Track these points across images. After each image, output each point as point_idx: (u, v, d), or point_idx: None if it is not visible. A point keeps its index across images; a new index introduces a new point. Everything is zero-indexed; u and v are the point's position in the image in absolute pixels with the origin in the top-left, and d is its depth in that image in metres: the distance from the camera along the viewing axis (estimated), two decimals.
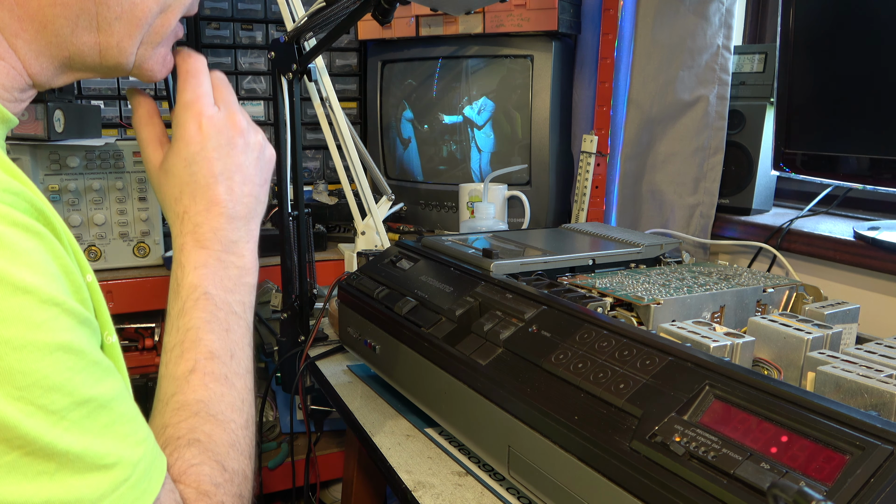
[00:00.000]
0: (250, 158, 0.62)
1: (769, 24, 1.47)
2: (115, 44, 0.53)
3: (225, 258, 0.59)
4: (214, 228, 0.59)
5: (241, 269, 0.60)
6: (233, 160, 0.61)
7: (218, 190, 0.60)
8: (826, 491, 0.41)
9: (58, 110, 1.21)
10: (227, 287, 0.59)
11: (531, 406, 0.59)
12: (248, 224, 0.62)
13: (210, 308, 0.57)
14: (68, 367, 0.40)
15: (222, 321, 0.57)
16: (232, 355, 0.57)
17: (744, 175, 1.33)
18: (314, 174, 1.87)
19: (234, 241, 0.60)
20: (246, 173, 0.62)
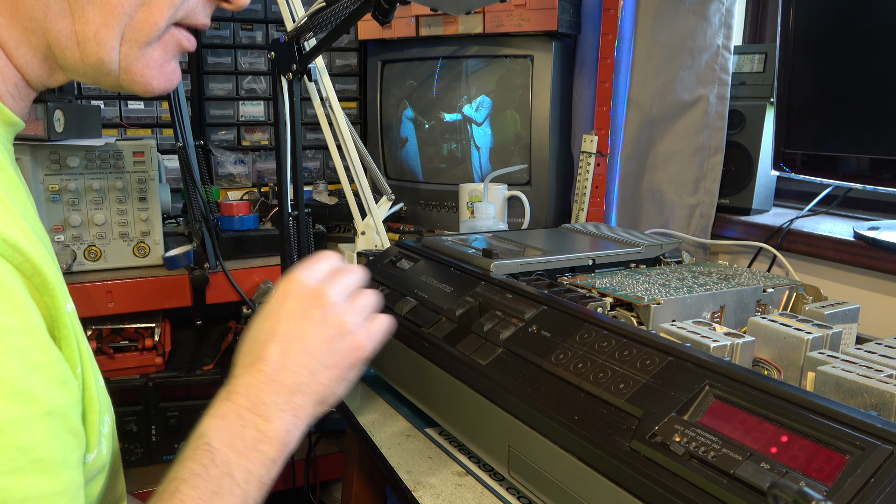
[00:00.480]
0: (322, 333, 0.57)
1: (769, 24, 1.47)
2: (93, 34, 0.50)
3: (247, 417, 0.53)
4: (248, 384, 0.55)
5: (262, 434, 0.53)
6: (298, 326, 0.57)
7: (269, 349, 0.56)
8: (826, 491, 0.41)
9: (58, 110, 1.21)
10: (237, 447, 0.51)
11: (531, 406, 0.59)
12: (293, 396, 0.55)
13: (205, 461, 0.50)
14: None
15: (213, 480, 0.49)
16: None
17: (744, 175, 1.33)
18: (314, 174, 1.87)
19: (265, 403, 0.54)
20: (308, 344, 0.57)
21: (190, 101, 1.70)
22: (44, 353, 0.42)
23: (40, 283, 0.42)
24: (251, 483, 0.51)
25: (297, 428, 0.55)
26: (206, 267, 1.38)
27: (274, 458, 0.53)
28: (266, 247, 1.46)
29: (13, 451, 0.38)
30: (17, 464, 0.38)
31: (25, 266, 0.41)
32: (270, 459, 0.53)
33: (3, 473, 0.37)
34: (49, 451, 0.40)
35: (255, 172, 1.81)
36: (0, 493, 0.37)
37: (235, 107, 1.76)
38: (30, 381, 0.40)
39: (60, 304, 0.44)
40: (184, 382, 1.43)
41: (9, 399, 0.38)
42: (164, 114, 1.69)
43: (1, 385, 0.38)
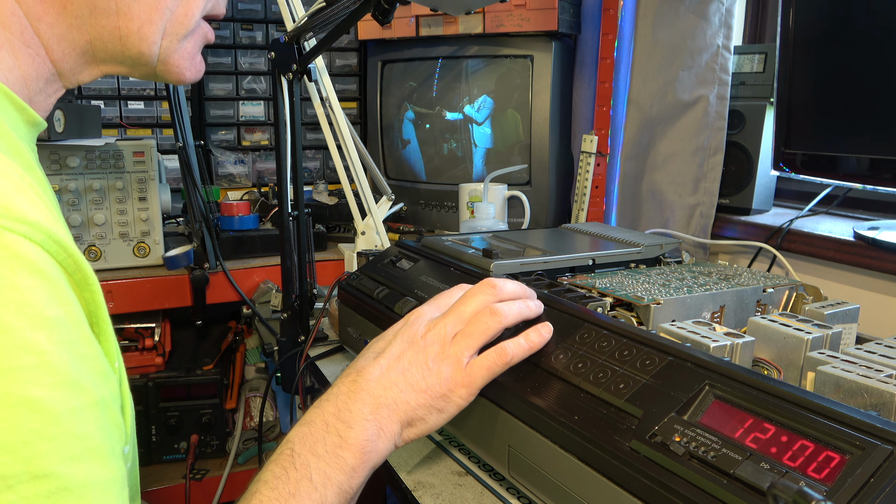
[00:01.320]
0: (419, 359, 0.60)
1: (769, 24, 1.47)
2: (136, 29, 0.52)
3: (332, 422, 0.55)
4: (339, 392, 0.58)
5: (343, 440, 0.54)
6: (400, 349, 0.60)
7: (371, 365, 0.59)
8: (826, 491, 0.41)
9: (58, 110, 1.21)
10: (317, 451, 0.54)
11: (531, 406, 0.59)
12: (379, 408, 0.57)
13: (286, 465, 0.53)
14: (31, 429, 0.35)
15: (291, 483, 0.52)
16: None
17: (744, 175, 1.33)
18: (314, 174, 1.87)
19: (350, 410, 0.56)
20: (404, 365, 0.59)
21: (190, 101, 1.70)
22: (88, 346, 0.42)
23: (81, 278, 0.43)
24: (329, 487, 0.52)
25: (379, 439, 0.56)
26: (206, 267, 1.38)
27: (354, 465, 0.54)
28: (266, 247, 1.46)
29: (71, 439, 0.38)
30: (75, 451, 0.38)
31: (68, 262, 0.42)
32: (350, 466, 0.54)
33: (63, 460, 0.37)
34: (100, 440, 0.41)
35: (255, 172, 1.81)
36: (62, 480, 0.37)
37: (235, 107, 1.76)
38: (79, 372, 0.40)
39: (100, 299, 0.45)
40: (184, 382, 1.43)
41: (63, 388, 0.38)
42: (164, 114, 1.69)
43: (56, 374, 0.38)
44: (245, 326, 1.60)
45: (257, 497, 0.50)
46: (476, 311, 0.62)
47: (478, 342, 0.61)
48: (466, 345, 0.61)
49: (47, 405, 0.36)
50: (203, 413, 1.45)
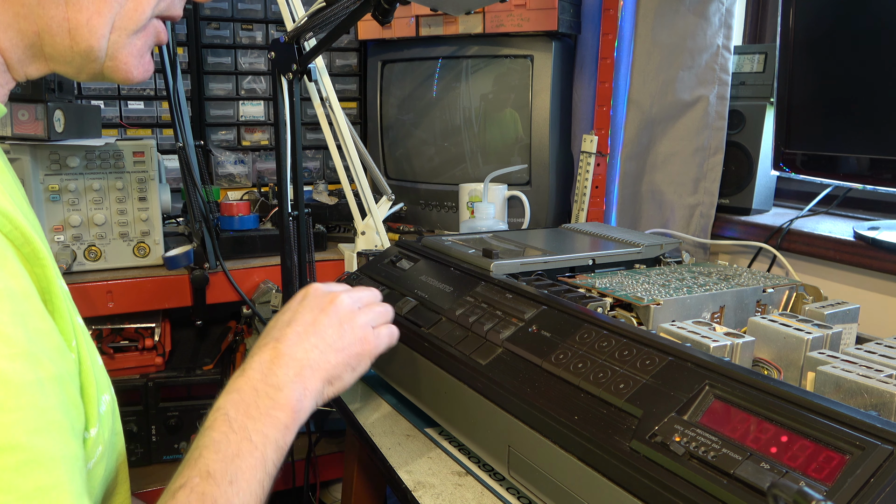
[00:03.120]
0: (332, 322, 0.65)
1: (769, 24, 1.47)
2: (85, 21, 0.51)
3: (260, 388, 0.58)
4: (262, 360, 0.61)
5: (274, 401, 0.58)
6: (312, 316, 0.65)
7: (286, 331, 0.63)
8: (826, 491, 0.41)
9: (58, 110, 1.21)
10: (251, 414, 0.56)
11: (531, 406, 0.59)
12: (302, 370, 0.61)
13: (224, 429, 0.55)
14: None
15: (233, 445, 0.54)
16: (231, 481, 0.52)
17: (744, 175, 1.33)
18: (314, 174, 1.87)
19: (276, 375, 0.59)
20: (320, 329, 0.64)
21: (190, 101, 1.70)
22: (42, 321, 0.42)
23: (30, 252, 0.42)
24: (268, 445, 0.55)
25: (306, 398, 0.60)
26: (206, 267, 1.38)
27: (286, 423, 0.57)
28: (266, 247, 1.46)
29: (35, 411, 0.38)
30: (40, 423, 0.38)
31: (15, 234, 0.41)
32: (283, 425, 0.57)
33: (30, 432, 0.37)
34: (61, 415, 0.40)
35: (255, 172, 1.81)
36: (29, 452, 0.37)
37: (235, 107, 1.76)
38: (35, 346, 0.39)
39: (51, 275, 0.44)
40: (184, 382, 1.43)
41: (22, 360, 0.38)
42: (164, 114, 1.69)
43: (13, 346, 0.37)
44: (245, 326, 1.60)
45: (202, 461, 0.52)
46: (368, 298, 0.71)
47: (379, 319, 0.70)
48: (373, 317, 0.69)
49: (8, 376, 0.36)
50: (203, 413, 1.44)
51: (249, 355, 0.62)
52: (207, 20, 1.70)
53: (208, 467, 0.52)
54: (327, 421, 1.60)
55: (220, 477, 0.51)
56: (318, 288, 0.69)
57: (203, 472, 0.51)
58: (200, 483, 0.51)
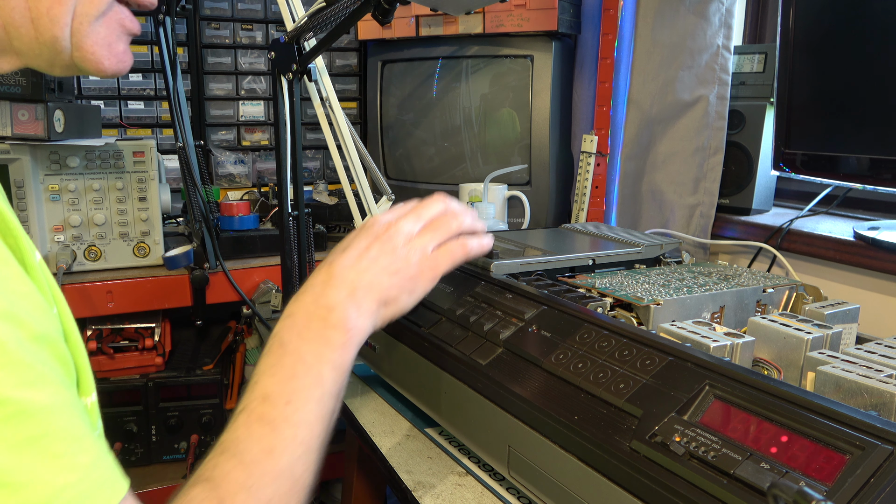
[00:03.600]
0: (387, 247, 0.65)
1: (769, 24, 1.47)
2: (46, 10, 0.50)
3: (312, 310, 0.59)
4: (313, 284, 0.62)
5: (326, 322, 0.58)
6: (366, 243, 0.65)
7: (339, 258, 0.63)
8: (826, 491, 0.41)
9: (58, 110, 1.21)
10: (305, 336, 0.58)
11: (531, 406, 0.59)
12: (355, 291, 0.61)
13: (278, 352, 0.57)
14: None
15: (288, 367, 0.55)
16: (288, 402, 0.54)
17: (744, 175, 1.33)
18: (314, 174, 1.87)
19: (327, 296, 0.60)
20: (373, 255, 0.64)
21: (190, 101, 1.70)
22: (21, 284, 0.42)
23: (2, 224, 0.42)
24: (323, 364, 0.56)
25: (360, 317, 0.60)
26: (206, 267, 1.38)
27: (342, 342, 0.58)
28: (266, 247, 1.46)
29: (21, 367, 0.38)
30: (27, 378, 0.38)
31: None
32: (339, 343, 0.58)
33: (16, 386, 0.37)
34: (48, 370, 0.40)
35: (255, 172, 1.81)
36: (18, 405, 0.37)
37: (235, 107, 1.76)
38: (17, 307, 0.39)
39: (24, 246, 0.44)
40: (184, 382, 1.43)
41: (4, 321, 0.38)
42: (164, 114, 1.69)
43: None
44: (245, 326, 1.60)
45: (259, 386, 0.54)
46: (434, 215, 0.68)
47: (441, 237, 0.68)
48: (431, 237, 0.67)
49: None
50: (203, 413, 1.45)
51: (306, 280, 0.63)
52: (207, 20, 1.70)
53: (265, 391, 0.54)
54: None
55: (276, 397, 0.53)
56: (379, 217, 0.68)
57: (260, 396, 0.54)
58: (259, 406, 0.53)
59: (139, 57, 1.66)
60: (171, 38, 1.33)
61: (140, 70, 1.67)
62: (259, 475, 0.50)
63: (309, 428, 0.54)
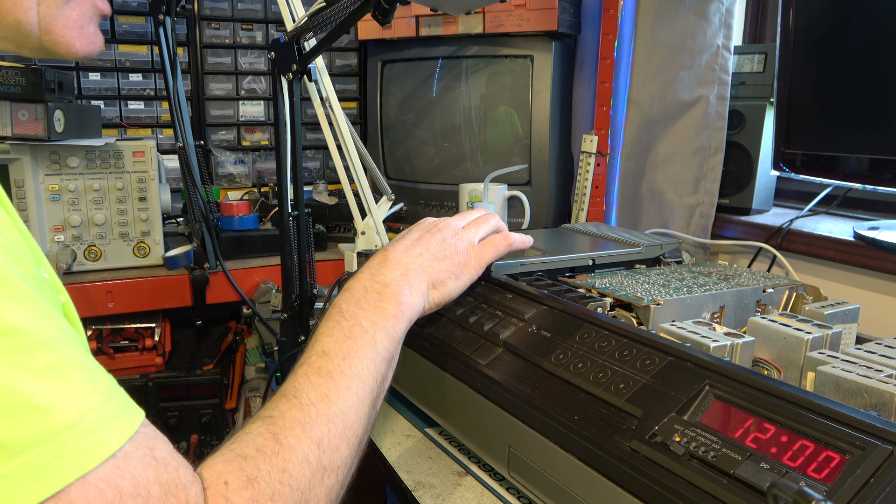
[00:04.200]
0: (436, 238, 0.73)
1: (769, 24, 1.47)
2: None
3: (369, 285, 0.65)
4: (371, 265, 0.68)
5: (381, 295, 0.64)
6: (419, 235, 0.73)
7: (394, 246, 0.71)
8: (826, 491, 0.41)
9: (58, 110, 1.21)
10: (361, 306, 0.63)
11: (531, 406, 0.59)
12: (408, 272, 0.68)
13: (337, 318, 0.62)
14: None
15: (345, 329, 0.60)
16: (345, 357, 0.58)
17: (744, 175, 1.33)
18: (314, 174, 1.87)
19: (383, 273, 0.67)
20: (424, 244, 0.72)
21: (190, 101, 1.70)
22: (11, 231, 0.42)
23: None
24: (378, 330, 0.62)
25: (412, 294, 0.66)
26: (206, 267, 1.38)
27: (395, 313, 0.64)
28: (266, 247, 1.46)
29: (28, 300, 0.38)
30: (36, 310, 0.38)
31: None
32: (392, 314, 0.63)
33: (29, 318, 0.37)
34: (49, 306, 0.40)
35: (255, 172, 1.81)
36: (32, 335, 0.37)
37: (235, 107, 1.76)
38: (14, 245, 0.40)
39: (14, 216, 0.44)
40: (184, 382, 1.43)
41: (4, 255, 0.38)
42: (164, 114, 1.69)
43: None
44: (245, 326, 1.60)
45: (318, 343, 0.59)
46: (477, 219, 0.78)
47: (486, 231, 0.77)
48: (476, 231, 0.76)
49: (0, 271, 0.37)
50: (203, 413, 1.45)
51: (362, 265, 0.70)
52: (207, 20, 1.70)
53: (324, 347, 0.58)
54: None
55: (334, 353, 0.58)
56: (429, 218, 0.77)
57: (319, 351, 0.58)
58: (317, 360, 0.57)
59: (139, 57, 1.66)
60: (171, 38, 1.33)
61: (140, 70, 1.67)
62: (314, 415, 0.53)
63: (362, 382, 0.57)
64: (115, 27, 1.63)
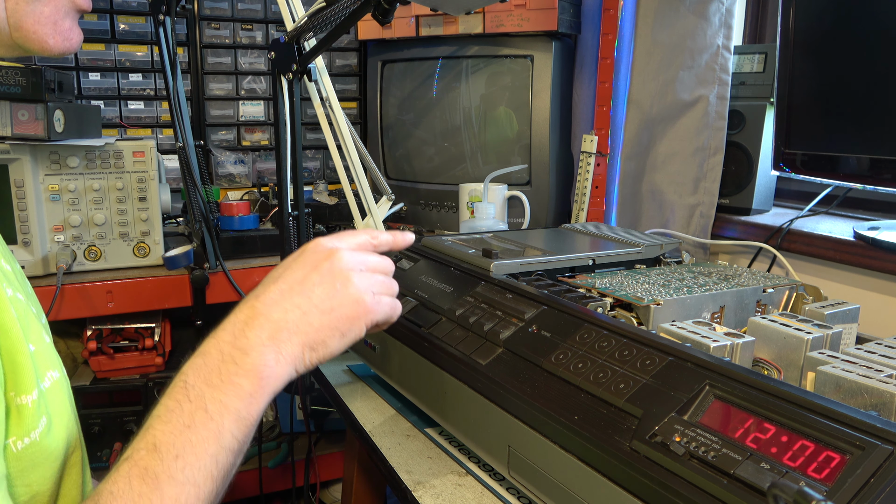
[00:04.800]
0: (324, 281, 0.58)
1: (769, 24, 1.47)
2: None
3: (227, 350, 0.53)
4: (235, 320, 0.55)
5: (238, 367, 0.52)
6: (303, 273, 0.58)
7: (269, 289, 0.57)
8: (826, 491, 0.41)
9: (58, 110, 1.21)
10: (212, 381, 0.52)
11: (531, 406, 0.59)
12: (278, 332, 0.55)
13: (180, 398, 0.51)
14: None
15: (185, 415, 0.50)
16: (178, 455, 0.48)
17: (744, 175, 1.33)
18: (314, 174, 1.87)
19: (247, 337, 0.54)
20: (307, 287, 0.57)
21: (190, 101, 1.70)
22: None
23: None
24: (226, 416, 0.51)
25: (279, 364, 0.54)
26: (206, 267, 1.38)
27: (251, 391, 0.52)
28: (266, 247, 1.46)
29: None
30: None
31: None
32: (247, 393, 0.52)
33: None
34: None
35: (255, 172, 1.81)
36: None
37: (235, 107, 1.76)
38: None
39: None
40: None
41: None
42: (164, 114, 1.69)
43: None
44: None
45: (151, 432, 0.49)
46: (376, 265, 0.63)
47: (381, 289, 0.61)
48: (374, 284, 0.61)
49: None
50: None
51: (232, 311, 0.57)
52: (207, 20, 1.70)
53: (155, 439, 0.49)
54: (327, 421, 1.60)
55: (165, 450, 0.48)
56: (320, 242, 0.61)
57: (150, 444, 0.48)
58: (145, 456, 0.48)
59: (139, 57, 1.66)
60: (171, 38, 1.33)
61: (140, 70, 1.67)
62: None
63: (196, 488, 0.48)
64: (115, 27, 1.63)
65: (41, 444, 0.49)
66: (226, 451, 0.50)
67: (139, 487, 0.46)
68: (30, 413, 0.47)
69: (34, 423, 0.48)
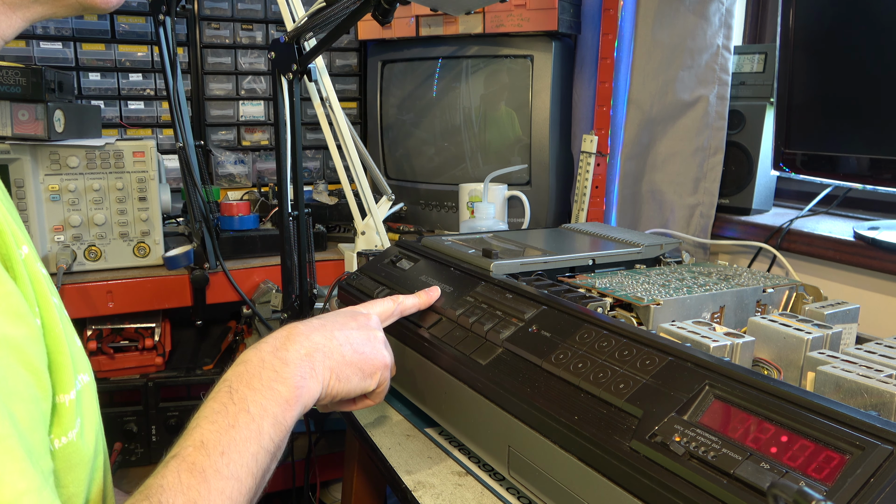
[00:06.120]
0: (361, 330, 0.67)
1: (769, 24, 1.47)
2: None
3: (268, 360, 0.59)
4: (277, 336, 0.62)
5: (278, 374, 0.58)
6: (343, 320, 0.67)
7: (311, 321, 0.65)
8: (826, 491, 0.41)
9: (58, 110, 1.21)
10: (254, 386, 0.57)
11: (531, 406, 0.59)
12: (314, 352, 0.62)
13: (224, 400, 0.56)
14: None
15: (230, 416, 0.54)
16: (223, 452, 0.51)
17: (744, 175, 1.33)
18: (314, 174, 1.87)
19: (287, 349, 0.60)
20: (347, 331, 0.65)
21: (190, 101, 1.70)
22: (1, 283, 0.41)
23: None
24: (266, 418, 0.55)
25: (311, 378, 0.60)
26: (206, 267, 1.38)
27: (287, 398, 0.57)
28: (266, 247, 1.46)
29: None
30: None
31: None
32: (284, 399, 0.57)
33: None
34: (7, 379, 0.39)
35: (255, 172, 1.81)
36: None
37: (235, 107, 1.76)
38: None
39: (8, 239, 0.44)
40: (184, 382, 1.43)
41: None
42: (164, 114, 1.69)
43: None
44: (245, 326, 1.60)
45: (198, 431, 0.52)
46: None
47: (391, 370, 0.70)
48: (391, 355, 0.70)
49: None
50: None
51: (268, 335, 0.64)
52: (207, 20, 1.70)
53: (203, 437, 0.52)
54: (327, 421, 1.60)
55: (212, 447, 0.51)
56: (348, 308, 0.71)
57: (197, 441, 0.52)
58: (192, 453, 0.51)
59: (139, 57, 1.66)
60: (171, 38, 1.33)
61: (140, 70, 1.67)
62: None
63: (239, 483, 0.51)
64: (115, 27, 1.63)
65: (76, 446, 0.49)
66: (264, 452, 0.54)
67: (188, 480, 0.49)
68: (67, 412, 0.48)
69: (71, 424, 0.48)
